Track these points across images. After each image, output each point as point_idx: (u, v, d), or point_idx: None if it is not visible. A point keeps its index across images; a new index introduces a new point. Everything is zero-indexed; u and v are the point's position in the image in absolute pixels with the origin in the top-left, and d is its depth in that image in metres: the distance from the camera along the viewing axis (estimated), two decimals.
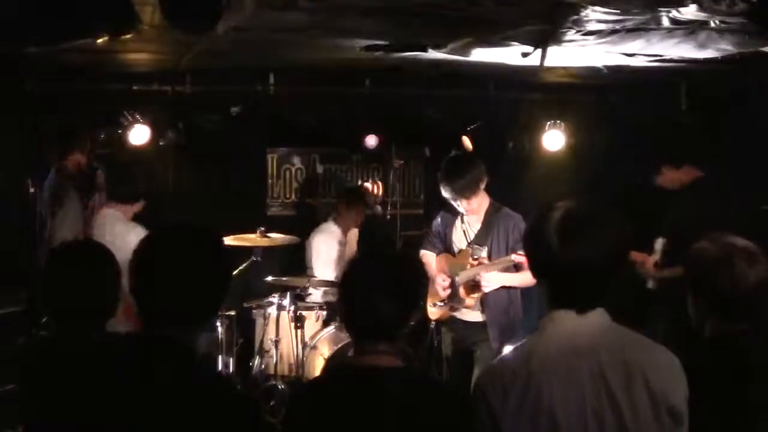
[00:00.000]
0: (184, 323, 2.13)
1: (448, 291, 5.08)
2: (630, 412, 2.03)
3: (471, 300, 4.98)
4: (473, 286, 4.94)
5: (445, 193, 4.91)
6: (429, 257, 5.26)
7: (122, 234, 4.55)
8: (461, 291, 5.00)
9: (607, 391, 2.04)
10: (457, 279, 5.02)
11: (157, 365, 2.08)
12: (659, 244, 5.04)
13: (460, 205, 4.93)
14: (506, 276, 4.91)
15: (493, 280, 4.86)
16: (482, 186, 4.92)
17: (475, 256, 4.94)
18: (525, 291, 5.20)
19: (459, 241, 5.12)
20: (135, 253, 2.19)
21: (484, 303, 4.98)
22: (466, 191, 4.85)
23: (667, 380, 2.07)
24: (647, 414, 2.04)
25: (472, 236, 5.04)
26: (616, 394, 2.04)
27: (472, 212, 4.98)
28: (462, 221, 5.09)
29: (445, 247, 5.22)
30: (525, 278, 4.95)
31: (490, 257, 4.93)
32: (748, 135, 6.11)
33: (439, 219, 5.25)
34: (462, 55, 5.25)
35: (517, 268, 4.92)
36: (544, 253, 2.13)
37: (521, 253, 4.72)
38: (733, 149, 5.91)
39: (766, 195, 5.75)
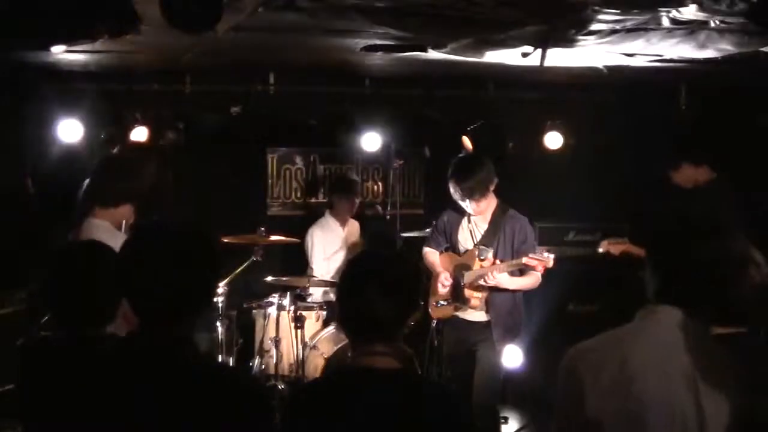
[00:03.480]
0: (178, 319, 2.13)
1: (450, 290, 5.09)
2: (713, 419, 2.03)
3: (476, 300, 4.98)
4: (480, 286, 4.94)
5: (454, 194, 4.91)
6: (432, 255, 5.27)
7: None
8: (467, 291, 5.00)
9: (696, 395, 2.05)
10: (462, 279, 5.02)
11: (157, 363, 2.08)
12: None
13: (469, 206, 4.93)
14: (515, 280, 4.92)
15: (502, 281, 4.85)
16: (491, 187, 4.93)
17: (482, 257, 4.95)
18: (526, 293, 5.21)
19: (465, 240, 5.12)
20: (120, 253, 2.20)
21: (489, 303, 4.99)
22: (475, 192, 4.85)
23: (746, 396, 2.07)
24: (725, 424, 2.04)
25: (478, 237, 5.05)
26: (702, 400, 2.04)
27: (479, 213, 4.99)
28: (469, 221, 5.10)
29: (449, 245, 5.22)
30: (531, 281, 4.96)
31: (495, 258, 4.94)
32: (748, 135, 6.12)
33: (445, 217, 5.25)
34: (463, 56, 5.25)
35: (521, 271, 4.93)
36: (676, 243, 2.15)
37: (532, 256, 4.74)
38: (733, 149, 5.91)
39: (766, 195, 5.74)
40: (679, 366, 2.08)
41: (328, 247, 6.70)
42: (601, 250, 5.47)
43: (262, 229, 6.05)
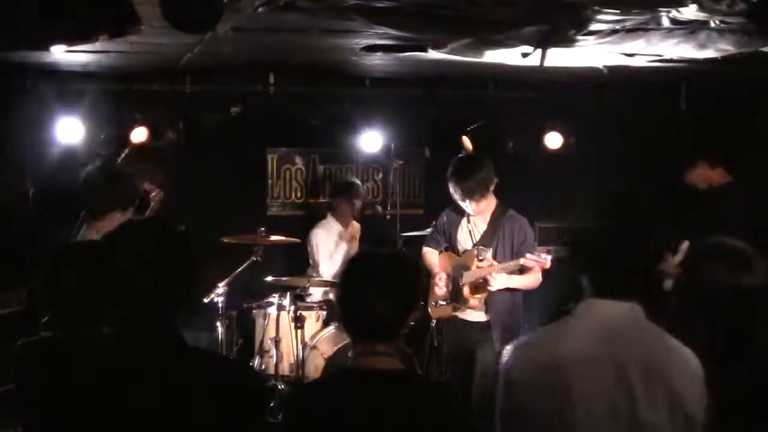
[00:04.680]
0: (156, 315, 2.13)
1: (449, 290, 5.09)
2: (646, 408, 2.08)
3: (475, 300, 4.98)
4: (478, 286, 4.94)
5: (454, 194, 4.91)
6: (432, 255, 5.27)
7: None
8: (466, 291, 4.99)
9: (627, 384, 2.09)
10: (461, 279, 5.01)
11: (154, 362, 2.08)
12: (685, 245, 5.05)
13: (469, 206, 4.93)
14: (514, 278, 4.91)
15: (500, 281, 4.85)
16: (491, 187, 4.93)
17: (481, 257, 4.94)
18: (526, 293, 5.20)
19: (464, 241, 5.11)
20: (96, 255, 2.22)
21: (489, 303, 4.98)
22: (475, 192, 4.85)
23: (687, 385, 2.10)
24: (663, 413, 2.08)
25: (477, 237, 5.04)
26: (635, 389, 2.09)
27: (479, 213, 4.98)
28: (468, 221, 5.09)
29: (449, 245, 5.22)
30: (529, 281, 4.95)
31: (494, 258, 4.93)
32: (749, 135, 6.11)
33: (444, 217, 5.25)
34: (463, 56, 5.25)
35: (521, 271, 4.92)
36: (594, 239, 2.21)
37: (530, 257, 4.74)
38: (735, 149, 5.91)
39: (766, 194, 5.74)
40: (610, 357, 2.12)
41: (332, 248, 6.70)
42: (666, 286, 5.47)
43: (262, 229, 6.05)
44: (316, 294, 6.54)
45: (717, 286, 2.48)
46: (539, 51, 4.81)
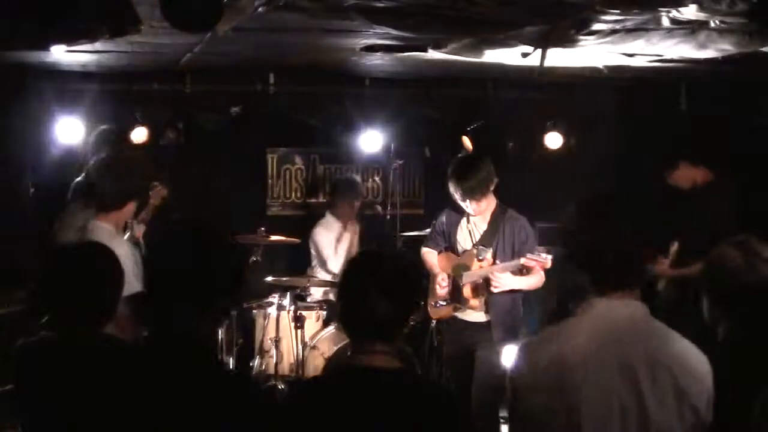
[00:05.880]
0: (198, 315, 2.14)
1: (448, 290, 5.08)
2: (655, 405, 2.07)
3: (476, 301, 4.97)
4: (479, 286, 4.94)
5: (454, 194, 4.90)
6: (431, 255, 5.26)
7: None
8: (466, 291, 4.99)
9: (634, 382, 2.08)
10: (461, 279, 5.01)
11: (157, 363, 2.09)
12: (674, 247, 5.05)
13: (469, 206, 4.92)
14: (517, 279, 4.91)
15: (504, 281, 4.84)
16: (491, 187, 4.92)
17: (481, 257, 4.94)
18: (525, 293, 5.20)
19: (464, 241, 5.11)
20: (149, 251, 2.23)
21: (489, 304, 4.97)
22: (476, 192, 4.84)
23: (693, 380, 2.10)
24: (671, 410, 2.08)
25: (477, 237, 5.04)
26: (642, 387, 2.08)
27: (479, 213, 4.98)
28: (468, 221, 5.08)
29: (448, 245, 5.21)
30: (533, 281, 4.95)
31: (495, 258, 4.93)
32: (748, 135, 6.12)
33: (444, 217, 5.24)
34: (463, 56, 5.25)
35: (523, 271, 4.91)
36: (577, 239, 2.25)
37: (530, 256, 4.73)
38: (733, 149, 5.91)
39: (766, 195, 5.75)
40: (615, 356, 2.11)
41: (335, 245, 6.69)
42: (660, 287, 5.44)
43: (262, 229, 6.05)
44: (316, 294, 6.54)
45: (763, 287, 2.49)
46: (539, 51, 4.81)
